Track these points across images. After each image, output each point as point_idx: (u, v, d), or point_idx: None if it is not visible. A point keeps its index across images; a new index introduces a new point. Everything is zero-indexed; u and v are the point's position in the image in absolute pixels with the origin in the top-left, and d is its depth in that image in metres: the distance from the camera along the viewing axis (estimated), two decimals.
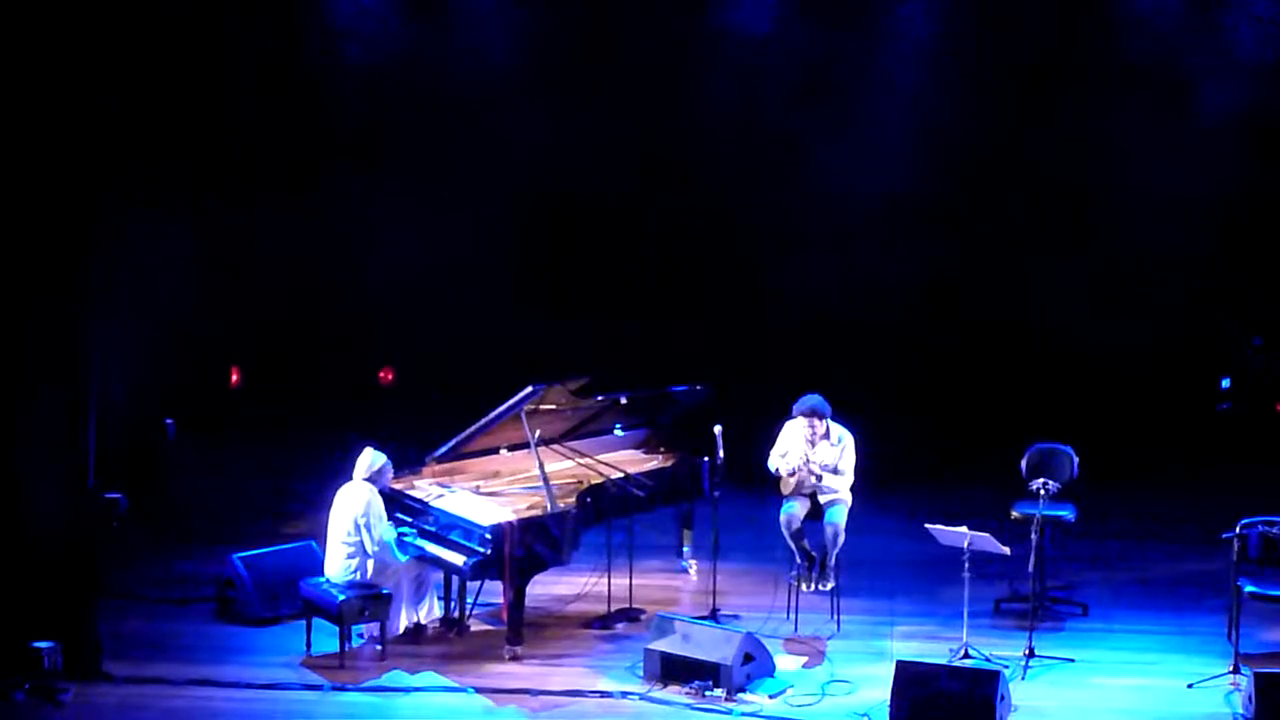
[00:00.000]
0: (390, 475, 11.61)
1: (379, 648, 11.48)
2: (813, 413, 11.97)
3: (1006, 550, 11.14)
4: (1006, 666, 10.91)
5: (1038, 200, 16.37)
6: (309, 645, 11.50)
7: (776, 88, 16.40)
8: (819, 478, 12.03)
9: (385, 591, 11.42)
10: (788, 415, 12.16)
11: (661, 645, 11.04)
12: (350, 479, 11.50)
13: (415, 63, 16.48)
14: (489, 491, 12.08)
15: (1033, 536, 11.43)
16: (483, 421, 11.91)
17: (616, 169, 16.57)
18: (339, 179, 16.50)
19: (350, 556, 11.38)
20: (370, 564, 11.39)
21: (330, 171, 16.46)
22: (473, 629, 11.99)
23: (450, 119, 16.58)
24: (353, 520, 11.36)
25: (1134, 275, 16.34)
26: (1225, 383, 15.85)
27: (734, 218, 16.74)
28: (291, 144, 16.20)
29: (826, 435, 12.05)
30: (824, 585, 12.03)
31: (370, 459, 11.48)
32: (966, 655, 11.20)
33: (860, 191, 16.33)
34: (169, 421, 15.00)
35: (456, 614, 12.01)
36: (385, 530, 11.44)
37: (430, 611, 11.86)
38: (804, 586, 12.06)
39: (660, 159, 16.65)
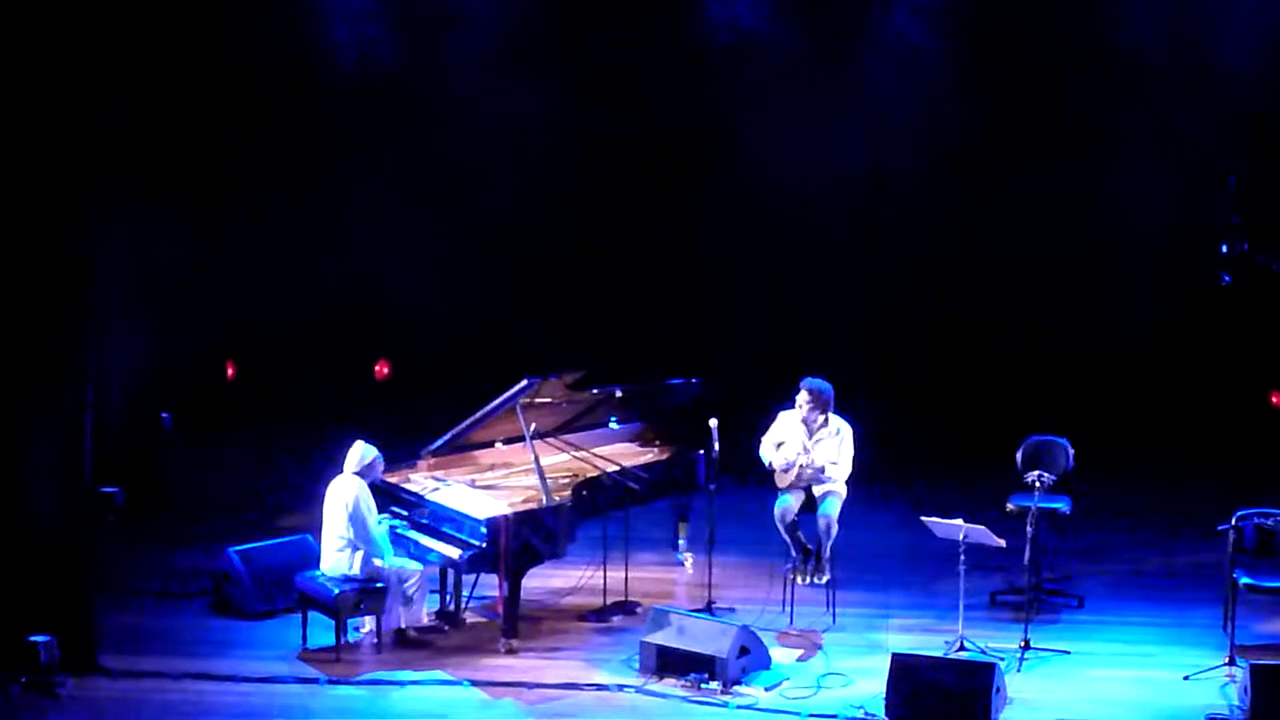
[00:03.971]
0: (381, 469, 11.58)
1: (375, 641, 11.49)
2: (817, 390, 11.96)
3: (1002, 542, 11.15)
4: (1002, 659, 10.93)
5: (1034, 194, 16.36)
6: (305, 639, 11.51)
7: (776, 82, 16.39)
8: (822, 469, 12.03)
9: (381, 585, 11.41)
10: (784, 406, 12.18)
11: (657, 638, 11.05)
12: (341, 472, 11.50)
13: (410, 56, 16.48)
14: (485, 485, 12.08)
15: (1028, 529, 11.43)
16: (478, 415, 11.91)
17: (613, 161, 16.57)
18: (334, 172, 16.49)
19: (341, 550, 11.38)
20: (359, 557, 11.37)
21: (326, 165, 16.45)
22: (468, 622, 12.00)
23: (445, 112, 16.56)
24: (340, 513, 11.35)
25: (1130, 268, 16.34)
26: (1224, 247, 15.62)
27: (730, 212, 16.73)
28: (288, 138, 16.19)
29: (825, 425, 12.07)
30: (819, 578, 12.04)
31: (360, 452, 11.46)
32: (962, 648, 11.20)
33: (856, 186, 16.34)
34: (165, 415, 14.99)
35: (452, 607, 12.01)
36: (373, 526, 11.41)
37: (417, 619, 11.76)
38: (799, 579, 12.07)
39: (658, 151, 16.65)
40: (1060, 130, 16.19)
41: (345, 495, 11.37)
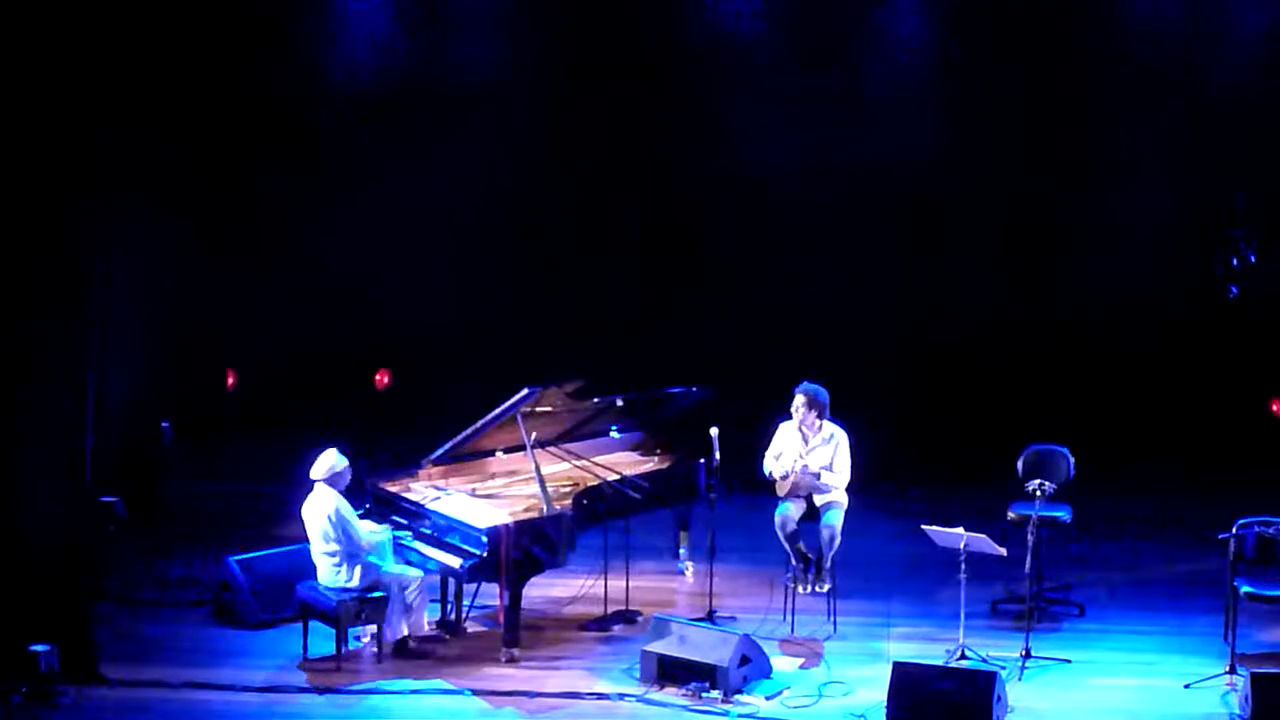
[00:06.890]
0: (349, 478, 11.46)
1: (376, 650, 11.48)
2: (811, 394, 11.96)
3: (1003, 551, 11.16)
4: (1003, 667, 10.92)
5: (1035, 198, 16.36)
6: (305, 648, 11.50)
7: (773, 88, 16.38)
8: (817, 475, 12.03)
9: (381, 594, 11.40)
10: (783, 416, 12.18)
11: (658, 647, 11.05)
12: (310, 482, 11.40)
13: (410, 61, 16.48)
14: (485, 494, 12.08)
15: (1029, 537, 11.43)
16: (479, 424, 11.90)
17: (611, 168, 16.57)
18: (335, 179, 16.49)
19: (336, 565, 11.33)
20: (359, 570, 11.34)
21: (326, 172, 16.44)
22: (469, 631, 12.00)
23: (444, 117, 16.56)
24: (324, 525, 11.30)
25: (1131, 275, 16.33)
26: (1234, 261, 15.61)
27: (729, 218, 16.72)
28: (287, 145, 16.19)
29: (820, 431, 12.07)
30: (820, 587, 12.04)
31: (331, 461, 11.34)
32: (963, 656, 11.21)
33: (857, 191, 16.33)
34: (166, 425, 14.99)
35: (453, 616, 12.01)
36: (370, 532, 11.38)
37: (418, 628, 11.72)
38: (800, 588, 12.06)
39: (656, 157, 16.64)
40: (1062, 136, 16.18)
41: (324, 507, 11.29)
